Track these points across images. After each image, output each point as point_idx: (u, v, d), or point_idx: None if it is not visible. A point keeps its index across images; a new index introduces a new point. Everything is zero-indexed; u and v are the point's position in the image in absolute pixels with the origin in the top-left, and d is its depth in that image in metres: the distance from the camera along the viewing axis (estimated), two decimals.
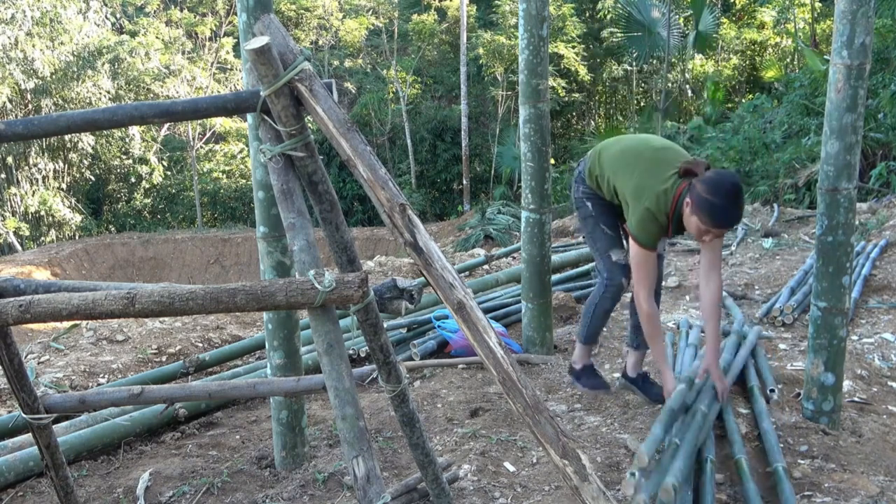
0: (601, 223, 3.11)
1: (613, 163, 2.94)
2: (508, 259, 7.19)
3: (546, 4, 3.74)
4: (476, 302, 1.64)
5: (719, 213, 2.60)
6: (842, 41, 2.71)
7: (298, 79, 1.64)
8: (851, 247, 2.89)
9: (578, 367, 3.37)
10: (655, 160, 2.82)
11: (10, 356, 1.88)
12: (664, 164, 2.79)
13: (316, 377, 1.90)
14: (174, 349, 4.63)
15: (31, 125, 1.74)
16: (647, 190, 2.74)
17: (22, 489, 2.89)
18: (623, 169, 2.88)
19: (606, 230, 3.10)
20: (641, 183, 2.77)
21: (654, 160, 2.82)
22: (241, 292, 1.57)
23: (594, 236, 3.12)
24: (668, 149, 2.92)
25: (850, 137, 2.77)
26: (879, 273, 5.38)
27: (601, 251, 3.11)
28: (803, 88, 12.19)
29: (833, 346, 2.96)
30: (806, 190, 10.11)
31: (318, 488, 2.79)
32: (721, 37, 16.97)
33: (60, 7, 16.41)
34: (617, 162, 2.92)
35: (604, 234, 3.10)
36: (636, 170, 2.82)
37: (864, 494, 2.49)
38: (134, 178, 18.97)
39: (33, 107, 16.58)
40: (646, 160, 2.83)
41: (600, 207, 3.11)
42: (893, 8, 10.31)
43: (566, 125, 20.57)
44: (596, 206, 3.12)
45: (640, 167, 2.81)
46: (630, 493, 2.14)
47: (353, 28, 19.39)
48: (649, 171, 2.78)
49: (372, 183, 1.64)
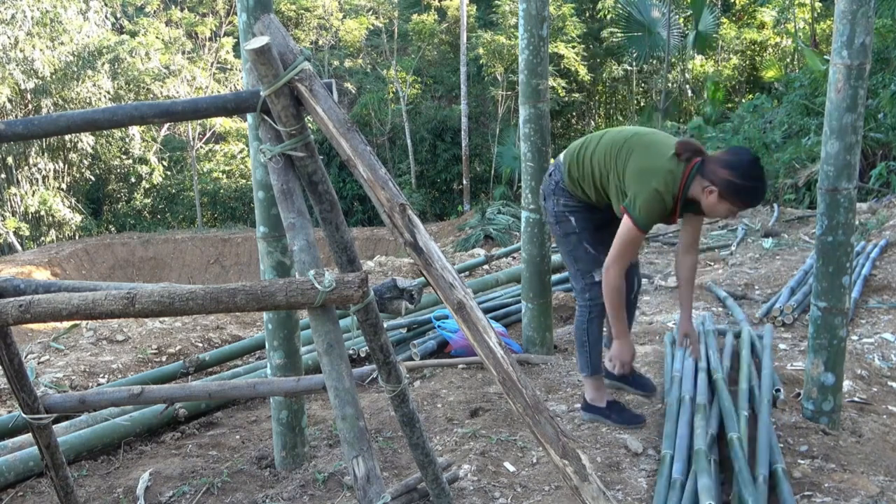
0: (584, 241, 2.93)
1: (602, 155, 2.77)
2: (508, 259, 7.20)
3: (546, 4, 3.74)
4: (476, 302, 1.64)
5: (753, 194, 2.60)
6: (842, 41, 2.71)
7: (298, 79, 1.64)
8: (851, 247, 2.88)
9: (602, 405, 3.08)
10: (650, 143, 2.70)
11: (10, 356, 1.88)
12: (660, 145, 2.68)
13: (316, 377, 1.90)
14: (174, 349, 4.64)
15: (31, 125, 1.74)
16: (653, 171, 2.61)
17: (22, 489, 2.89)
18: (617, 157, 2.72)
19: (589, 248, 2.93)
20: (645, 164, 2.64)
21: (649, 143, 2.70)
22: (241, 292, 1.57)
23: (575, 255, 2.94)
24: (654, 132, 2.84)
25: (850, 137, 2.77)
26: (879, 273, 5.38)
27: (582, 271, 2.94)
28: (803, 88, 12.20)
29: (833, 346, 2.96)
30: (806, 190, 10.11)
31: (318, 488, 2.79)
32: (721, 37, 16.97)
33: (60, 7, 16.41)
34: (607, 153, 2.76)
35: (586, 252, 2.93)
36: (633, 153, 2.68)
37: (864, 494, 2.49)
38: (134, 178, 18.96)
39: (33, 107, 16.58)
40: (641, 144, 2.70)
41: (584, 221, 2.93)
42: (893, 8, 10.31)
43: (566, 125, 20.57)
44: (580, 221, 2.93)
45: (638, 150, 2.68)
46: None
47: (353, 28, 19.38)
48: (649, 152, 2.66)
49: (372, 183, 1.64)
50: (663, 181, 2.60)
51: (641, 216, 2.62)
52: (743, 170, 2.56)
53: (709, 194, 2.61)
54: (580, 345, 3.07)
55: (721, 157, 2.62)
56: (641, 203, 2.62)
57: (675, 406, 2.96)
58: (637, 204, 2.62)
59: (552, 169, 3.00)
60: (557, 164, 2.98)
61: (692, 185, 2.63)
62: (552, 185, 2.97)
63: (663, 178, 2.60)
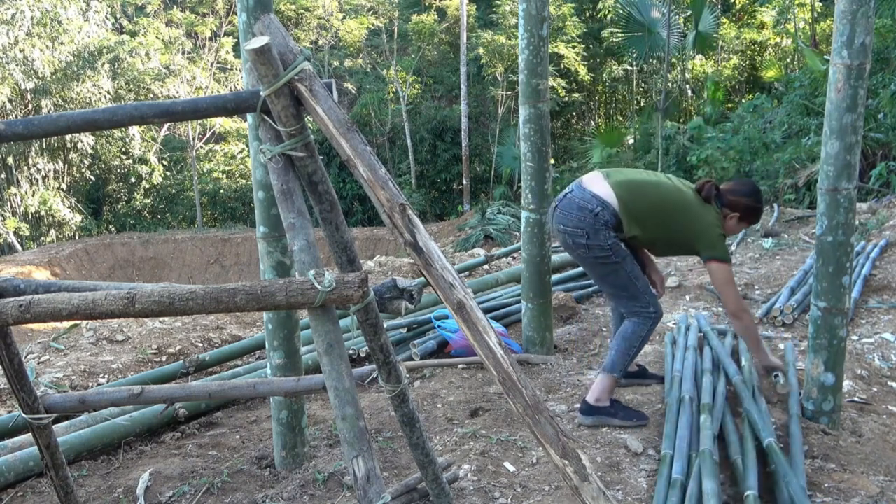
0: (634, 262, 3.17)
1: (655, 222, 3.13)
2: (508, 259, 7.19)
3: (546, 4, 3.74)
4: (476, 302, 1.64)
5: (761, 213, 3.30)
6: (842, 41, 2.71)
7: (298, 79, 1.64)
8: (851, 247, 2.89)
9: (607, 404, 3.16)
10: (689, 202, 3.14)
11: (10, 356, 1.88)
12: (693, 201, 3.14)
13: (316, 377, 1.90)
14: (174, 349, 4.64)
15: (31, 125, 1.74)
16: (710, 224, 3.11)
17: (22, 489, 2.89)
18: (671, 223, 3.14)
19: (638, 267, 3.19)
20: (702, 221, 3.11)
21: (688, 203, 3.13)
22: (241, 292, 1.57)
23: (634, 274, 3.14)
24: (679, 189, 3.19)
25: (850, 137, 2.77)
26: (879, 273, 5.38)
27: (643, 289, 3.17)
28: (803, 88, 12.19)
29: (833, 346, 2.96)
30: (806, 190, 10.11)
31: (318, 488, 2.79)
32: (721, 37, 16.95)
33: (60, 7, 16.41)
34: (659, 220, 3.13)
35: (640, 272, 3.20)
36: (685, 219, 3.12)
37: (864, 494, 2.49)
38: (134, 178, 18.97)
39: (33, 107, 16.58)
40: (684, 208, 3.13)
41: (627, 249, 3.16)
42: (893, 8, 10.30)
43: (566, 125, 20.57)
44: (627, 247, 3.17)
45: (688, 214, 3.12)
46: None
47: (353, 28, 19.38)
48: (696, 211, 3.13)
49: (372, 183, 1.64)
50: (717, 223, 3.13)
51: (724, 255, 3.09)
52: (757, 196, 3.22)
53: (731, 219, 3.19)
54: (627, 348, 3.18)
55: (737, 189, 3.21)
56: (719, 246, 3.09)
57: (675, 406, 2.96)
58: (717, 248, 3.08)
59: (595, 206, 3.07)
60: (603, 204, 3.07)
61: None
62: (601, 222, 3.06)
63: (716, 222, 3.13)
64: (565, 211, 3.11)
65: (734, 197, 3.17)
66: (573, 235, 3.09)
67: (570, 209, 3.09)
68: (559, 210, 3.15)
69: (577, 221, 3.07)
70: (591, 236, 3.06)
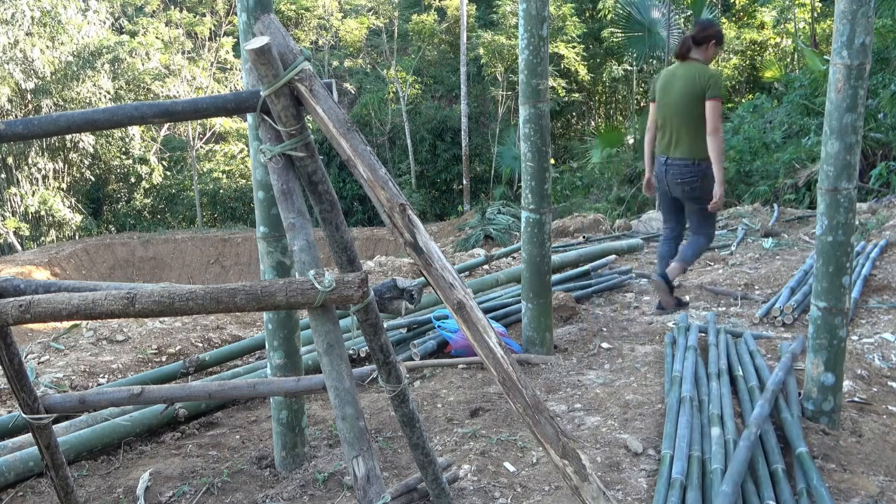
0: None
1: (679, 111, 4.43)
2: (508, 259, 7.19)
3: (546, 4, 3.74)
4: (476, 302, 1.64)
5: (722, 33, 4.54)
6: (842, 41, 2.71)
7: (298, 79, 1.64)
8: (851, 247, 2.89)
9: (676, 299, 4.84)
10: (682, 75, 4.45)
11: (10, 356, 1.88)
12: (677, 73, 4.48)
13: (316, 377, 1.90)
14: (174, 349, 4.63)
15: (31, 125, 1.74)
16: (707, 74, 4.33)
17: (22, 489, 2.89)
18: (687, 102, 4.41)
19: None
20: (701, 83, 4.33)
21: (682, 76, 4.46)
22: (241, 292, 1.57)
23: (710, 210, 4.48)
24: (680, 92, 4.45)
25: (850, 137, 2.77)
26: (879, 273, 5.38)
27: (713, 220, 4.65)
28: (803, 88, 12.19)
29: (833, 346, 2.96)
30: (806, 190, 10.11)
31: (318, 488, 2.79)
32: None
33: (60, 7, 16.41)
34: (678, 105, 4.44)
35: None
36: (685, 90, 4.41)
37: (864, 494, 2.49)
38: (134, 178, 18.97)
39: (33, 107, 16.58)
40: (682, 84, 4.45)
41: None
42: (893, 8, 10.31)
43: (566, 125, 20.58)
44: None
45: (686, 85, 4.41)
46: None
47: (353, 28, 19.39)
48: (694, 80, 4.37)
49: (372, 183, 1.64)
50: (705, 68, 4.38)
51: (723, 93, 4.34)
52: (713, 23, 4.61)
53: (710, 49, 4.42)
54: (696, 252, 4.66)
55: (702, 28, 4.42)
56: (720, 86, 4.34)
57: (675, 406, 2.97)
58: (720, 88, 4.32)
59: (683, 163, 4.46)
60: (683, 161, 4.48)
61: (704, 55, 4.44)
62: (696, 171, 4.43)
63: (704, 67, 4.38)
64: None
65: (703, 34, 4.40)
66: (687, 186, 4.50)
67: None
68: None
69: (683, 177, 4.49)
70: (693, 186, 4.47)
